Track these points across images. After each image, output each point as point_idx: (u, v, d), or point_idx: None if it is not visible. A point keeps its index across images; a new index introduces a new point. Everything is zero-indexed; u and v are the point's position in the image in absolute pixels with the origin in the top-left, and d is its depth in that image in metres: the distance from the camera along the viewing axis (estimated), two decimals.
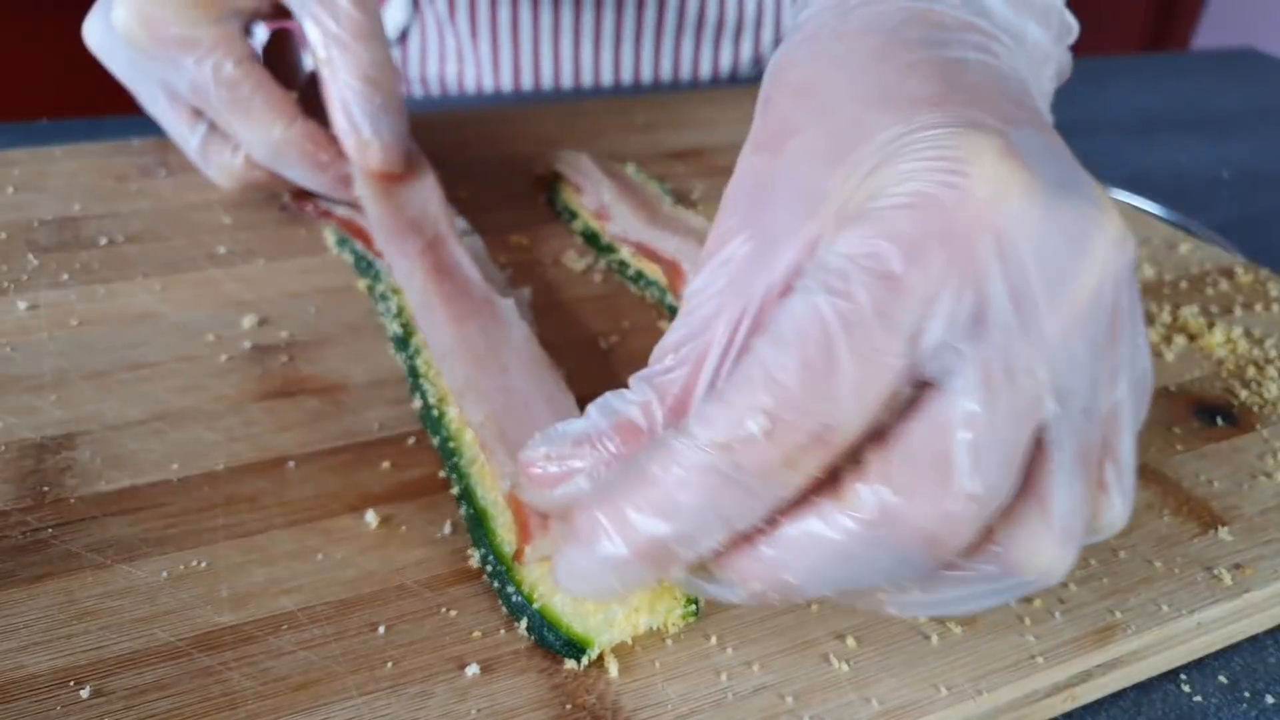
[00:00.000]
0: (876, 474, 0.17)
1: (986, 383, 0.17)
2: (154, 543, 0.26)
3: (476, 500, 0.27)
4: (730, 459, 0.17)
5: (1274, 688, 0.27)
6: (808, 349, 0.17)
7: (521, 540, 0.25)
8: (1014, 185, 0.17)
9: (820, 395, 0.17)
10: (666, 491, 0.18)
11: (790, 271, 0.19)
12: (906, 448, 0.17)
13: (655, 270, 0.39)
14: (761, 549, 0.19)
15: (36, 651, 0.23)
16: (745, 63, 0.70)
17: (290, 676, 0.23)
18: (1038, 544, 0.18)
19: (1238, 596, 0.27)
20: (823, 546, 0.18)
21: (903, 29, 0.21)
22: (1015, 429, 0.17)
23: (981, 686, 0.24)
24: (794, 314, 0.18)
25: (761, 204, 0.21)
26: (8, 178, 0.43)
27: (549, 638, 0.24)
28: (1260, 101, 0.77)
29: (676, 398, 0.20)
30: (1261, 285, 0.44)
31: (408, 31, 0.68)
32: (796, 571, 0.18)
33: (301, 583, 0.25)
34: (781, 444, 0.17)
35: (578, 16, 0.63)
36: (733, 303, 0.20)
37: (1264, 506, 0.31)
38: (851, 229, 0.18)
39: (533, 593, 0.24)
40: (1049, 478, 0.18)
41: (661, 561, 0.19)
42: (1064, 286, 0.17)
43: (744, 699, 0.23)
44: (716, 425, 0.18)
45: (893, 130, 0.19)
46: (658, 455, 0.18)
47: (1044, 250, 0.17)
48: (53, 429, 0.30)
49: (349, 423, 0.31)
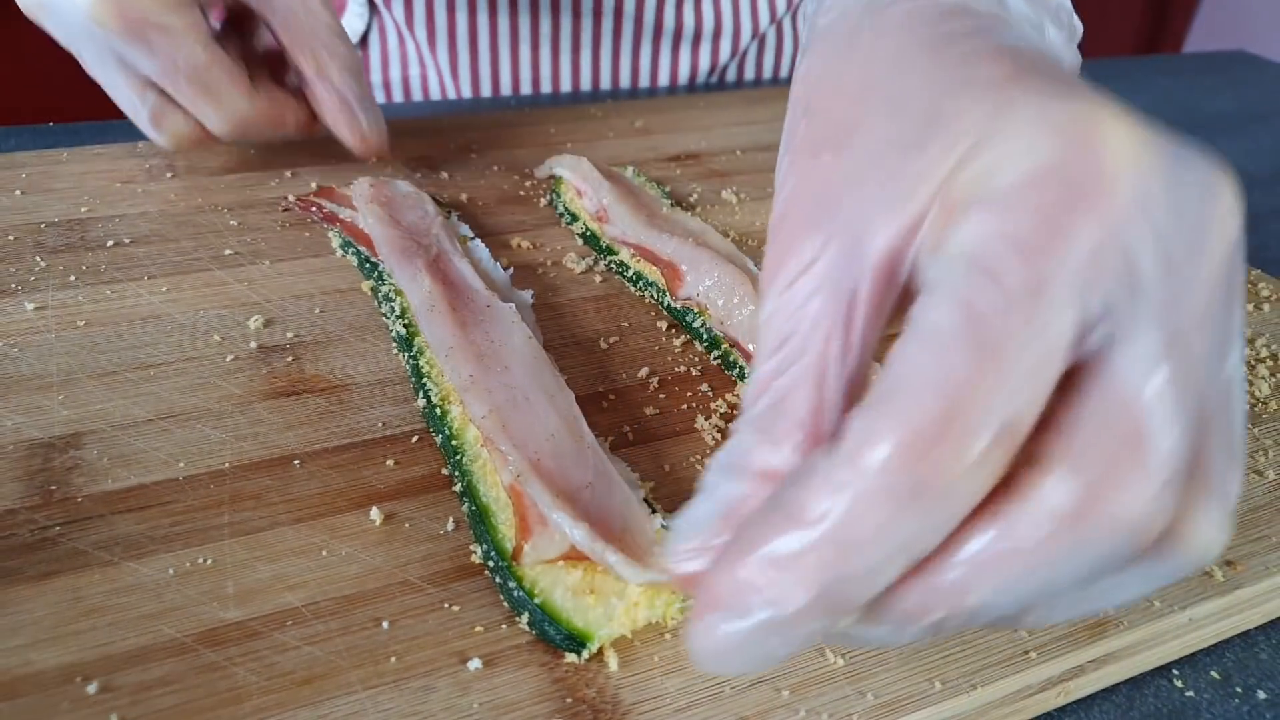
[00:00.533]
0: (1063, 465, 0.15)
1: (1163, 348, 0.16)
2: (161, 540, 0.26)
3: (478, 496, 0.27)
4: (909, 474, 0.15)
5: (1265, 683, 0.27)
6: (968, 341, 0.15)
7: (520, 538, 0.25)
8: (1142, 145, 0.16)
9: (994, 388, 0.15)
10: (836, 527, 0.16)
11: (892, 259, 0.18)
12: (1090, 431, 0.16)
13: (654, 272, 0.40)
14: (944, 574, 0.16)
15: (44, 648, 0.23)
16: (703, 71, 0.70)
17: (295, 671, 0.23)
18: (1203, 517, 0.16)
19: (1229, 593, 0.28)
20: (1013, 558, 0.16)
21: (946, 21, 0.20)
22: (1193, 395, 0.16)
23: (975, 681, 0.24)
24: (939, 308, 0.16)
25: (832, 205, 0.19)
26: (16, 180, 0.44)
27: (550, 632, 0.24)
28: (1251, 104, 0.77)
29: (802, 425, 0.17)
30: (1253, 285, 0.45)
31: (366, 36, 0.69)
32: (983, 592, 0.16)
33: (306, 579, 0.25)
34: (961, 447, 0.15)
35: (535, 24, 0.63)
36: (832, 307, 0.18)
37: (1255, 504, 0.31)
38: (979, 211, 0.16)
39: (533, 588, 0.24)
40: (1207, 445, 0.16)
41: (836, 609, 0.16)
42: (1202, 246, 0.16)
43: (741, 692, 0.23)
44: (883, 439, 0.15)
45: (983, 108, 0.17)
46: (814, 488, 0.16)
47: (1181, 208, 0.16)
48: (60, 428, 0.30)
49: (353, 421, 0.31)
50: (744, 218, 0.47)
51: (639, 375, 0.35)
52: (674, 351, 0.37)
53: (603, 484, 0.27)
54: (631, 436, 0.32)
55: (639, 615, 0.24)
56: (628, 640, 0.25)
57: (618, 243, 0.42)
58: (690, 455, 0.32)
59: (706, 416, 0.33)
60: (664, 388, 0.35)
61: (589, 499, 0.26)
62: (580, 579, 0.25)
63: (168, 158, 0.47)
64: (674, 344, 0.37)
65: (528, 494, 0.26)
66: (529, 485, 0.26)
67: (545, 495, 0.26)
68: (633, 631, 0.24)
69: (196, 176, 0.46)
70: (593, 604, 0.24)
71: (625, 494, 0.27)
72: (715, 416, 0.33)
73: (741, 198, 0.49)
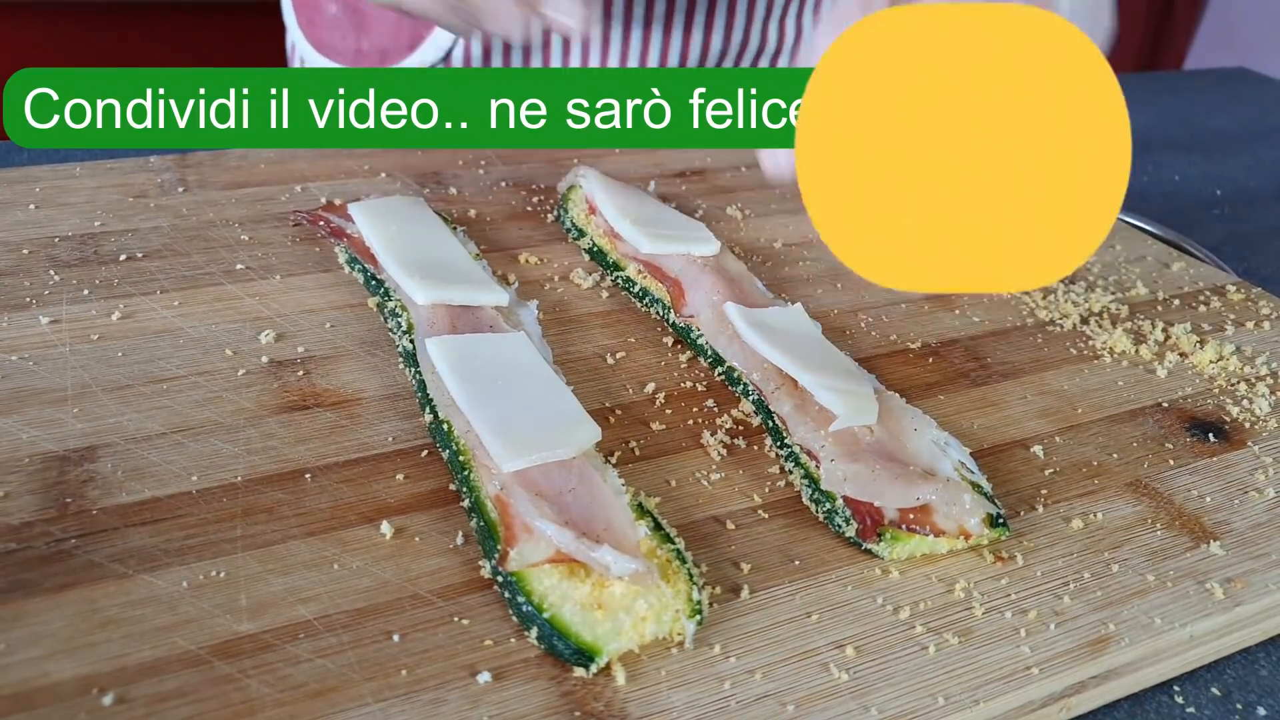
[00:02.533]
0: None
1: None
2: (174, 553, 0.27)
3: (486, 512, 0.28)
4: None
5: (1266, 700, 0.27)
6: None
7: (507, 544, 0.26)
8: None
9: None
10: None
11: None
12: None
13: (660, 288, 0.40)
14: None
15: (60, 659, 0.23)
16: None
17: (307, 684, 0.23)
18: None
19: (1229, 610, 0.28)
20: None
21: None
22: None
23: (978, 696, 0.25)
24: None
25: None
26: (30, 194, 0.45)
27: (558, 646, 0.24)
28: (1253, 121, 0.78)
29: None
30: (1253, 303, 0.45)
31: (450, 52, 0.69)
32: None
33: (318, 592, 0.26)
34: None
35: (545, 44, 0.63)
36: None
37: (1255, 521, 0.31)
38: None
39: (542, 603, 0.25)
40: None
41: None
42: None
43: (747, 706, 0.24)
44: None
45: None
46: None
47: None
48: (75, 441, 0.30)
49: (364, 436, 0.32)
50: (749, 234, 0.48)
51: (645, 391, 0.36)
52: (680, 367, 0.37)
53: (585, 489, 0.28)
54: (637, 452, 0.33)
55: (646, 630, 0.25)
56: (635, 654, 0.25)
57: (625, 258, 0.42)
58: (696, 470, 0.32)
59: (712, 432, 0.34)
60: (670, 403, 0.35)
61: (571, 503, 0.27)
62: (589, 594, 0.25)
63: (179, 172, 0.48)
64: (680, 359, 0.38)
65: (512, 503, 0.27)
66: (512, 494, 0.27)
67: (527, 502, 0.26)
68: (640, 646, 0.25)
69: (208, 190, 0.46)
70: (601, 619, 0.25)
71: (608, 498, 0.28)
72: (720, 432, 0.34)
73: (746, 214, 0.50)
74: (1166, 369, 0.39)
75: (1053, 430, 0.35)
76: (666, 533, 0.28)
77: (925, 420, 0.33)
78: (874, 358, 0.39)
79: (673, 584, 0.25)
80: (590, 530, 0.26)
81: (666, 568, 0.26)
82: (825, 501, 0.30)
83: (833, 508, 0.29)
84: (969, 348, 0.40)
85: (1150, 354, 0.40)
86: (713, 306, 0.38)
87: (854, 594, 0.27)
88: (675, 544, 0.27)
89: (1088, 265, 0.48)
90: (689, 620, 0.25)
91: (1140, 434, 0.36)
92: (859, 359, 0.37)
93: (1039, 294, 0.44)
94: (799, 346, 0.35)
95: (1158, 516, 0.31)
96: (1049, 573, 0.29)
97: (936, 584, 0.28)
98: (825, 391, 0.32)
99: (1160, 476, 0.33)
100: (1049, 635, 0.26)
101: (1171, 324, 0.43)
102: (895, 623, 0.26)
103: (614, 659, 0.24)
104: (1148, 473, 0.34)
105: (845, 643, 0.26)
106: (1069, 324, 0.42)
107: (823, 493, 0.30)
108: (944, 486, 0.29)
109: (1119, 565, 0.29)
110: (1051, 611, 0.27)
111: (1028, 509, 0.31)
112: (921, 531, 0.28)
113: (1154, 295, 0.45)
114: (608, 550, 0.25)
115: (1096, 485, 0.33)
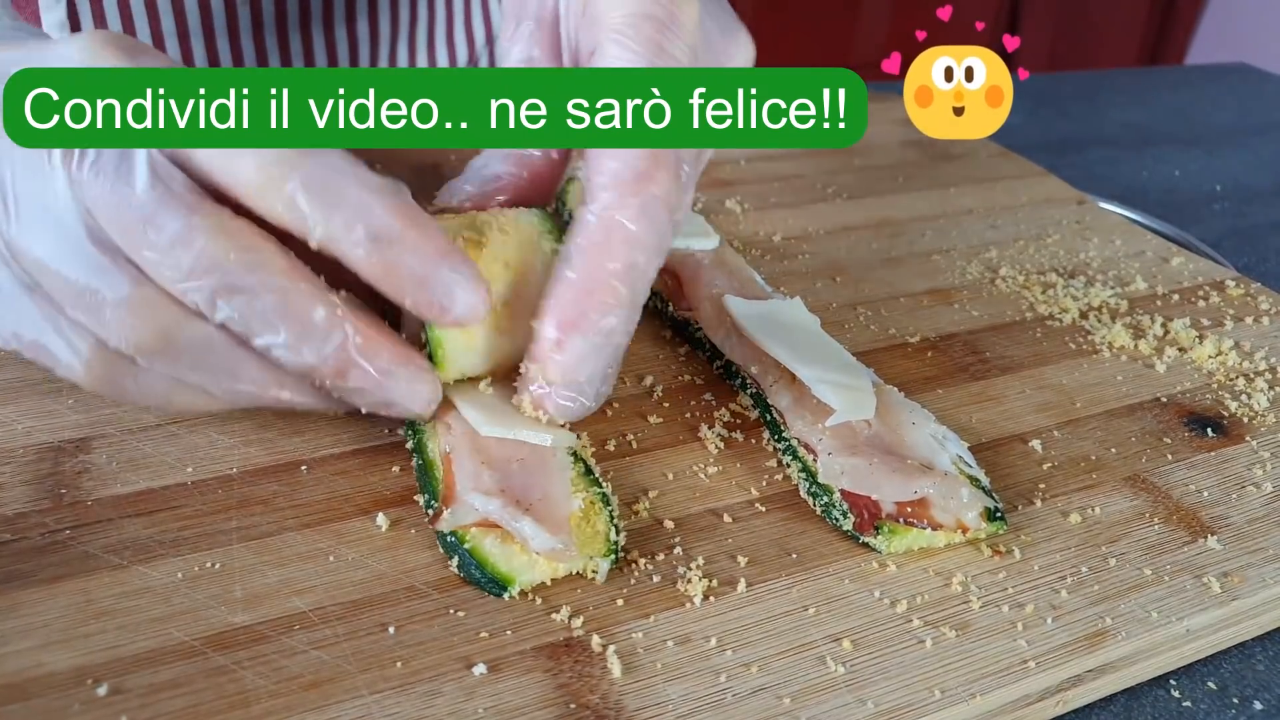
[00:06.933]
0: None
1: None
2: (169, 544, 0.27)
3: (426, 452, 0.29)
4: None
5: (1262, 694, 0.27)
6: None
7: (444, 502, 0.27)
8: None
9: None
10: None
11: None
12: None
13: (659, 282, 0.40)
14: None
15: (55, 650, 0.23)
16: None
17: (302, 675, 0.23)
18: None
19: (1226, 604, 0.28)
20: None
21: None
22: None
23: (974, 690, 0.24)
24: None
25: None
26: None
27: (476, 575, 0.26)
28: (1253, 116, 0.78)
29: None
30: (1252, 299, 0.45)
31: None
32: None
33: (313, 584, 0.26)
34: None
35: None
36: None
37: (1252, 516, 0.31)
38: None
39: (464, 534, 0.26)
40: None
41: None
42: None
43: (743, 699, 0.24)
44: None
45: None
46: None
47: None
48: (70, 432, 0.30)
49: (359, 427, 0.32)
50: (748, 227, 0.48)
51: (643, 384, 0.36)
52: (678, 360, 0.37)
53: (535, 459, 0.29)
54: (635, 445, 0.32)
55: (559, 565, 0.26)
56: (631, 647, 0.25)
57: None
58: (693, 464, 0.32)
59: (709, 425, 0.34)
60: (667, 396, 0.35)
61: (516, 470, 0.28)
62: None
63: None
64: (678, 353, 0.38)
65: (455, 466, 0.28)
66: (458, 457, 0.28)
67: (468, 474, 0.27)
68: (552, 580, 0.26)
69: None
70: (518, 552, 0.26)
71: (552, 471, 0.28)
72: (718, 425, 0.34)
73: (745, 207, 0.50)
74: (1165, 364, 0.39)
75: (1051, 425, 0.35)
76: (595, 476, 0.29)
77: (923, 414, 0.32)
78: (872, 352, 0.39)
79: (593, 524, 0.27)
80: (525, 497, 0.27)
81: (590, 509, 0.27)
82: (823, 495, 0.30)
83: (830, 501, 0.29)
84: (968, 342, 0.40)
85: (1149, 349, 0.40)
86: (711, 300, 0.37)
87: (851, 587, 0.27)
88: (602, 488, 0.28)
89: (1087, 259, 0.48)
90: (603, 560, 0.26)
91: (1139, 429, 0.36)
92: (857, 353, 0.37)
93: (1038, 288, 0.44)
94: (797, 340, 0.35)
95: (1155, 511, 0.31)
96: (1046, 567, 0.29)
97: (934, 578, 0.28)
98: (823, 385, 0.32)
99: (1158, 471, 0.33)
100: (1046, 629, 0.26)
101: (1171, 319, 0.43)
102: (892, 616, 0.26)
103: (609, 651, 0.25)
104: (1146, 467, 0.33)
105: (842, 636, 0.26)
106: (1068, 318, 0.42)
107: (820, 486, 0.30)
108: (942, 480, 0.29)
109: (1116, 559, 0.29)
110: (1049, 605, 0.27)
111: (1025, 503, 0.31)
112: (919, 525, 0.28)
113: (1153, 290, 0.45)
114: (529, 524, 0.26)
115: (1094, 480, 0.33)
